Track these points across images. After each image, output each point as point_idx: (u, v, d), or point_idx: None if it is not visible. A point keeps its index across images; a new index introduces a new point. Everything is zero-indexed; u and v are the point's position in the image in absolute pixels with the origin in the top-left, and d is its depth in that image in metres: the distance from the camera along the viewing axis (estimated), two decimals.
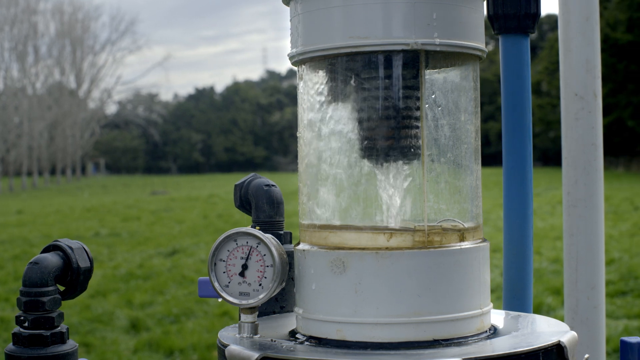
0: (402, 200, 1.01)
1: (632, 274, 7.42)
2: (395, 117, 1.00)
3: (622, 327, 5.51)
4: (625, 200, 15.28)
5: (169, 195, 26.03)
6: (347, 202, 1.02)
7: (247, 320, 1.06)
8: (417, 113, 1.00)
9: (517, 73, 1.50)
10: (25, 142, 41.06)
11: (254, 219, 1.24)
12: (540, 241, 9.67)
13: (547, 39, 37.05)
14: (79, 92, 49.27)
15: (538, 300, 6.22)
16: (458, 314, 1.00)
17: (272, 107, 64.81)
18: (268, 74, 79.03)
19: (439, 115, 1.03)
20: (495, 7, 1.48)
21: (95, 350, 5.51)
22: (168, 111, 67.50)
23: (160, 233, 13.07)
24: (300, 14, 1.04)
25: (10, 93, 42.20)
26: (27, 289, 1.05)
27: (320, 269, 1.01)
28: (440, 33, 0.99)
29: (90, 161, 60.57)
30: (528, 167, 1.50)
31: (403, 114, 1.00)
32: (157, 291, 7.71)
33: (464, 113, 1.06)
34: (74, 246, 1.08)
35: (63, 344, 1.06)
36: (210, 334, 5.78)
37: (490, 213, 12.14)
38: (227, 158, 63.32)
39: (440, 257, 0.99)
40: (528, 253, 1.50)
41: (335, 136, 1.03)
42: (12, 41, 43.33)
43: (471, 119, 1.07)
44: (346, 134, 1.02)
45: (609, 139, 29.13)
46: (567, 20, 1.62)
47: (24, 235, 13.17)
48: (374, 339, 0.98)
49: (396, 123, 1.00)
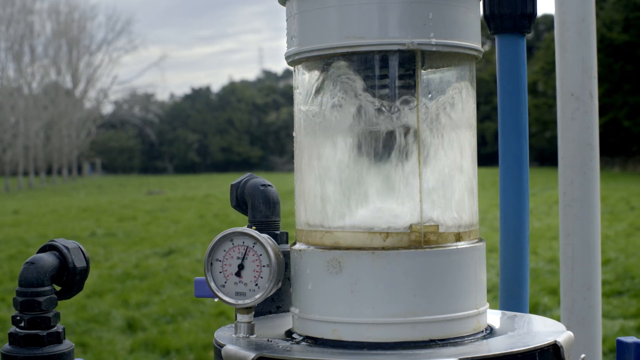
0: (398, 200, 1.01)
1: (628, 274, 7.43)
2: (391, 116, 1.00)
3: (619, 327, 5.52)
4: (621, 200, 15.31)
5: (165, 195, 26.02)
6: (343, 202, 1.02)
7: (243, 320, 1.06)
8: (413, 113, 1.00)
9: (514, 73, 1.50)
10: (21, 142, 41.01)
11: (250, 218, 1.24)
12: (537, 241, 9.68)
13: (543, 39, 37.07)
14: (75, 92, 49.22)
15: (534, 300, 6.23)
16: (454, 314, 1.00)
17: (269, 107, 64.80)
18: (264, 73, 79.00)
19: (435, 116, 1.03)
20: (491, 7, 1.48)
21: (92, 350, 5.51)
22: (164, 111, 67.48)
23: (156, 233, 13.06)
24: (296, 13, 1.04)
25: (6, 93, 42.16)
26: (23, 289, 1.05)
27: (316, 268, 1.01)
28: (436, 33, 0.99)
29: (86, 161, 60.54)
30: (524, 167, 1.50)
31: (399, 114, 1.00)
32: (153, 291, 7.70)
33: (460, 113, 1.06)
34: (70, 246, 1.08)
35: (59, 344, 1.05)
36: (206, 334, 5.78)
37: (487, 213, 12.15)
38: (223, 158, 63.31)
39: (436, 257, 0.99)
40: (524, 253, 1.51)
41: (331, 136, 1.03)
42: (8, 41, 43.28)
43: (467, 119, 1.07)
44: (342, 134, 1.02)
45: (605, 139, 29.18)
46: (563, 20, 1.62)
47: (20, 235, 13.15)
48: (370, 339, 0.98)
49: (392, 122, 1.00)
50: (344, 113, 1.02)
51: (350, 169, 1.02)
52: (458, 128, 1.04)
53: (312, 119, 1.05)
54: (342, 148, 1.02)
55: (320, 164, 1.04)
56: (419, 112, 1.00)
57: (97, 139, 59.66)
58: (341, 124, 1.02)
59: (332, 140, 1.03)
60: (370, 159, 1.01)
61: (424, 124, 1.01)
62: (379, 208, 1.01)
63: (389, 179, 1.01)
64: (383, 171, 1.01)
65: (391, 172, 1.01)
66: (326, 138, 1.04)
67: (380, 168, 1.01)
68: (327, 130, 1.03)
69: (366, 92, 1.01)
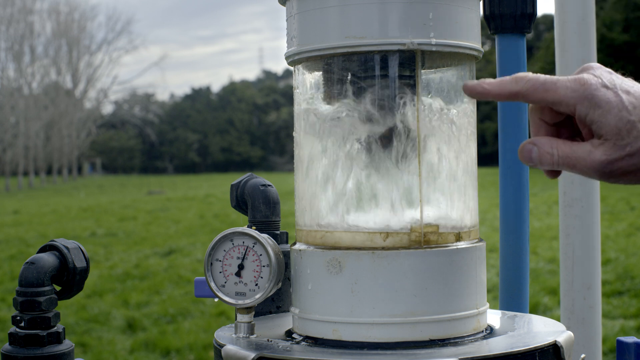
0: (398, 200, 1.01)
1: (628, 273, 7.43)
2: (391, 117, 1.00)
3: (619, 327, 5.52)
4: (621, 200, 15.30)
5: (165, 195, 26.03)
6: (343, 202, 1.02)
7: (243, 320, 1.06)
8: (413, 113, 1.00)
9: (514, 73, 1.49)
10: (21, 142, 41.03)
11: (250, 219, 1.24)
12: (537, 241, 9.68)
13: (543, 39, 37.07)
14: (75, 92, 49.27)
15: (534, 300, 6.23)
16: (454, 314, 1.00)
17: (269, 107, 64.84)
18: (264, 73, 79.07)
19: (435, 116, 1.03)
20: (491, 7, 1.48)
21: (92, 350, 5.51)
22: (164, 111, 67.53)
23: (156, 233, 13.07)
24: (296, 13, 1.04)
25: (7, 93, 42.18)
26: (24, 289, 1.05)
27: (316, 268, 1.01)
28: (436, 33, 0.99)
29: (86, 161, 60.57)
30: (524, 167, 1.50)
31: (399, 114, 1.00)
32: (154, 291, 7.70)
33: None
34: (70, 246, 1.08)
35: (59, 344, 1.06)
36: (206, 334, 5.78)
37: (487, 213, 12.15)
38: (223, 158, 63.33)
39: (437, 257, 0.99)
40: (524, 253, 1.51)
41: (332, 136, 1.03)
42: (9, 41, 43.32)
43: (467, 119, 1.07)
44: (342, 134, 1.02)
45: None
46: (563, 20, 1.62)
47: (20, 235, 13.15)
48: (370, 339, 0.98)
49: (392, 123, 1.00)
50: (344, 113, 1.02)
51: (350, 169, 1.02)
52: (458, 128, 1.04)
53: (312, 119, 1.05)
54: (343, 148, 1.02)
55: (321, 164, 1.04)
56: (419, 112, 1.00)
57: (97, 139, 59.70)
58: (341, 124, 1.02)
59: (332, 140, 1.03)
60: (370, 159, 1.01)
61: (424, 124, 1.01)
62: (379, 208, 1.01)
63: (389, 178, 1.01)
64: (383, 171, 1.01)
65: (391, 171, 1.01)
66: (326, 138, 1.03)
67: (380, 168, 1.01)
68: (328, 130, 1.03)
69: (366, 92, 1.01)
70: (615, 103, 0.88)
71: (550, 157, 0.91)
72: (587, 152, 0.89)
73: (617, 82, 0.90)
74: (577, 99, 0.89)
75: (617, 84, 0.89)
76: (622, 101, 0.88)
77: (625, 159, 0.88)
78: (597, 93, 0.88)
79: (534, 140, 0.93)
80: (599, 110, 0.88)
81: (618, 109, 0.87)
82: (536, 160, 0.92)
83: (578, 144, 0.91)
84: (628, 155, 0.88)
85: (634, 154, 0.87)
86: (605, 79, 0.90)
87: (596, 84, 0.89)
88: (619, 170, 0.89)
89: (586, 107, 0.89)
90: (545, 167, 0.93)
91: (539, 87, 0.91)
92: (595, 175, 0.90)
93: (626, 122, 0.87)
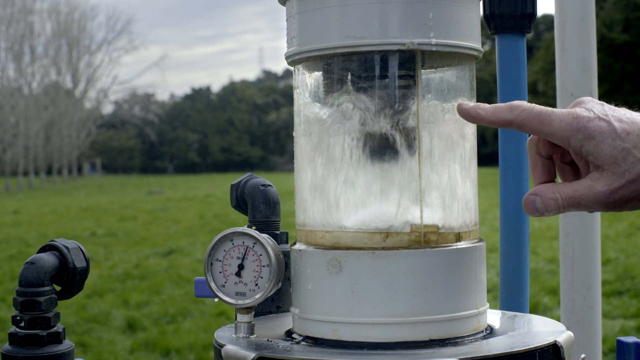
0: (398, 200, 1.01)
1: (628, 273, 7.43)
2: (391, 116, 1.00)
3: (619, 327, 5.52)
4: None
5: (165, 195, 26.03)
6: (343, 202, 1.02)
7: (243, 320, 1.06)
8: (413, 113, 1.00)
9: (514, 73, 1.50)
10: (21, 142, 41.04)
11: (250, 219, 1.24)
12: (537, 241, 9.69)
13: (543, 39, 37.07)
14: (75, 92, 49.29)
15: (534, 300, 6.23)
16: (454, 313, 1.00)
17: (269, 107, 64.85)
18: (264, 73, 79.11)
19: (435, 116, 1.03)
20: (491, 7, 1.48)
21: (92, 350, 5.51)
22: (164, 111, 67.55)
23: (156, 233, 13.07)
24: (296, 13, 1.04)
25: (7, 93, 42.19)
26: (24, 289, 1.05)
27: (316, 268, 1.01)
28: (436, 33, 0.99)
29: (86, 161, 60.60)
30: (524, 167, 1.50)
31: (399, 114, 1.00)
32: (154, 291, 7.71)
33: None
34: (70, 246, 1.08)
35: (59, 344, 1.06)
36: (206, 334, 5.79)
37: (487, 213, 12.15)
38: (223, 158, 63.35)
39: (437, 257, 0.99)
40: (524, 253, 1.51)
41: (332, 136, 1.03)
42: (8, 41, 43.34)
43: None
44: (342, 134, 1.02)
45: None
46: (563, 20, 1.62)
47: (20, 235, 13.16)
48: (370, 339, 0.98)
49: (392, 123, 1.00)
50: (343, 113, 1.02)
51: (350, 169, 1.02)
52: (458, 128, 1.04)
53: (312, 119, 1.05)
54: (342, 148, 1.02)
55: (320, 164, 1.04)
56: (419, 112, 1.00)
57: (97, 139, 59.72)
58: (341, 124, 1.02)
59: (332, 140, 1.03)
60: (370, 159, 1.01)
61: (424, 124, 1.01)
62: (379, 208, 1.01)
63: (389, 179, 1.01)
64: (383, 171, 1.01)
65: (391, 172, 1.01)
66: (326, 138, 1.03)
67: (380, 168, 1.01)
68: (327, 130, 1.03)
69: (366, 92, 1.01)
70: (608, 132, 0.89)
71: (554, 202, 0.93)
72: (588, 188, 0.91)
73: (608, 112, 0.91)
74: (571, 131, 0.90)
75: (608, 114, 0.91)
76: (615, 129, 0.89)
77: (626, 185, 0.89)
78: (590, 124, 0.90)
79: (535, 190, 0.95)
80: (593, 141, 0.89)
81: (611, 138, 0.89)
82: (542, 209, 0.94)
83: (578, 182, 0.92)
84: (628, 182, 0.89)
85: (634, 180, 0.89)
86: (597, 110, 0.91)
87: (588, 116, 0.90)
88: (621, 198, 0.90)
89: (580, 139, 0.90)
90: (551, 214, 0.94)
91: (533, 118, 0.93)
92: (600, 207, 0.91)
93: (621, 149, 0.88)
